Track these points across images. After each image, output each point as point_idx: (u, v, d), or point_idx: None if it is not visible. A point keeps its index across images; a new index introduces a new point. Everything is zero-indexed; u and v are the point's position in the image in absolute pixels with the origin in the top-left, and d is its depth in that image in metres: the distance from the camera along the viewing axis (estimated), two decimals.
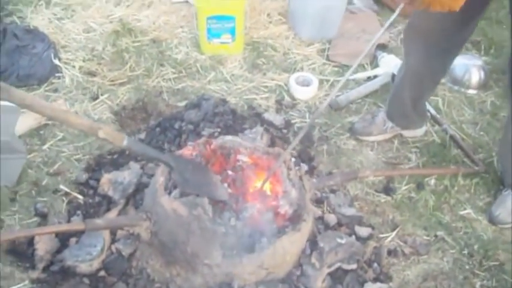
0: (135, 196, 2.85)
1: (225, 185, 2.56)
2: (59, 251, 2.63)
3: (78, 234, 2.65)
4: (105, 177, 2.88)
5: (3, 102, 2.91)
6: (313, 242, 2.58)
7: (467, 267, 2.80)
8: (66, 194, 2.92)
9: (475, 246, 2.89)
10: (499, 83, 3.94)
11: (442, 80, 3.53)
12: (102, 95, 3.55)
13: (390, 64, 3.82)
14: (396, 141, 3.42)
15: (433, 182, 3.17)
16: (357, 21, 4.35)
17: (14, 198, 2.87)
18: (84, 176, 3.00)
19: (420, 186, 3.14)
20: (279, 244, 2.37)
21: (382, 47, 4.12)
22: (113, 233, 2.66)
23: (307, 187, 2.63)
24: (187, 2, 4.42)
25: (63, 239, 2.66)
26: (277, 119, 3.39)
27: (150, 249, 2.53)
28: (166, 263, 2.47)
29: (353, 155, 3.30)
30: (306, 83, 3.70)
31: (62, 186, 2.95)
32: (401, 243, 2.85)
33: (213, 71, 3.84)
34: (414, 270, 2.75)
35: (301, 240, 2.50)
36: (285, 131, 3.32)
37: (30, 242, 2.63)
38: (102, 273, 2.56)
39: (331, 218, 2.81)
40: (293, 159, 2.84)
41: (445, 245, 2.89)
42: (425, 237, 2.91)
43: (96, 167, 3.07)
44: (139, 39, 4.02)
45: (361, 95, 3.69)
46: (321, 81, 3.79)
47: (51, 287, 2.49)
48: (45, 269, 2.57)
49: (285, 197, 2.55)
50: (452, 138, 3.43)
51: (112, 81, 3.65)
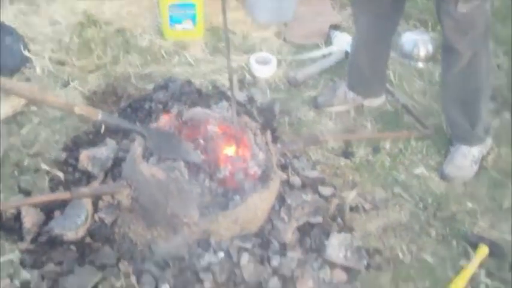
0: (113, 170, 3.04)
1: (198, 151, 2.76)
2: (44, 223, 2.79)
3: (62, 207, 2.83)
4: (84, 154, 3.07)
5: None
6: (281, 200, 2.82)
7: (422, 219, 3.06)
8: (48, 172, 3.08)
9: (429, 200, 3.16)
10: None
11: (393, 54, 3.78)
12: (72, 81, 3.72)
13: (343, 42, 4.09)
14: (353, 112, 3.67)
15: (388, 145, 3.43)
16: (311, 5, 4.59)
17: None
18: (63, 155, 3.18)
19: (376, 150, 3.40)
20: (250, 201, 2.59)
21: (335, 27, 4.38)
22: (94, 203, 2.83)
23: (273, 151, 2.86)
24: None
25: (48, 212, 2.83)
26: (241, 96, 3.62)
27: (131, 216, 2.72)
28: (148, 226, 2.67)
29: (313, 125, 3.56)
30: (265, 62, 3.94)
31: (43, 166, 3.11)
32: (362, 200, 3.10)
33: (177, 56, 4.05)
34: (375, 223, 3.00)
35: (270, 197, 2.72)
36: (248, 106, 3.55)
37: (17, 216, 2.81)
38: (88, 240, 2.75)
39: (296, 181, 3.03)
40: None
41: (402, 200, 3.15)
42: (383, 194, 3.17)
43: (73, 147, 3.25)
44: (104, 30, 4.19)
45: (317, 71, 3.95)
46: (279, 61, 4.03)
47: (41, 256, 2.67)
48: (33, 240, 2.74)
49: (253, 159, 2.76)
50: (404, 106, 3.69)
51: (81, 69, 3.82)
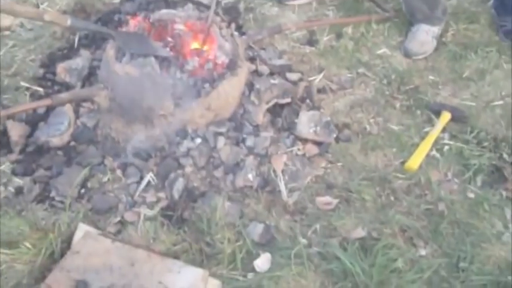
0: (90, 78, 3.19)
1: (166, 47, 2.89)
2: (30, 135, 2.96)
3: (45, 118, 2.98)
4: (61, 66, 3.20)
5: None
6: (250, 85, 2.98)
7: (387, 93, 3.24)
8: (27, 88, 3.22)
9: (393, 76, 3.33)
10: None
11: None
12: (42, 4, 3.81)
13: None
14: (315, 3, 3.81)
15: (350, 30, 3.59)
16: None
17: None
18: (40, 72, 3.31)
19: (339, 36, 3.55)
20: (221, 88, 2.76)
21: None
22: (75, 111, 2.98)
23: (239, 41, 3.00)
24: None
25: (33, 124, 2.99)
26: None
27: (110, 116, 2.87)
28: (127, 122, 2.83)
29: (277, 19, 3.69)
30: None
31: (22, 83, 3.25)
32: (328, 82, 3.27)
33: None
34: (342, 102, 3.19)
35: (240, 83, 2.88)
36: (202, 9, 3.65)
37: (3, 132, 2.96)
38: (73, 144, 2.91)
39: (264, 69, 3.17)
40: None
41: (366, 79, 3.33)
42: (348, 75, 3.34)
43: (49, 63, 3.37)
44: None
45: None
46: None
47: (30, 164, 2.85)
48: (22, 151, 2.91)
49: (220, 49, 2.90)
50: None
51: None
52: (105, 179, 2.75)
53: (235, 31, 3.09)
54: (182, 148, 2.74)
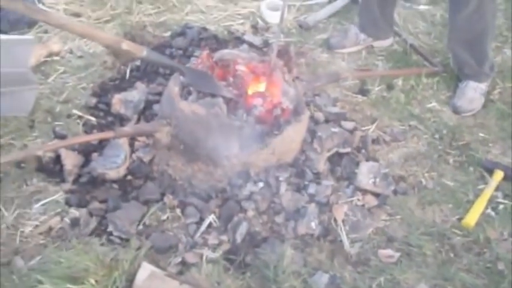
0: (145, 112, 3.17)
1: (230, 88, 2.89)
2: (83, 165, 2.93)
3: (99, 149, 2.96)
4: (116, 98, 3.18)
5: (20, 36, 3.17)
6: (311, 132, 2.99)
7: (440, 148, 3.27)
8: (80, 117, 3.20)
9: (444, 131, 3.37)
10: None
11: None
12: None
13: None
14: (364, 52, 3.85)
15: (400, 82, 3.63)
16: None
17: (32, 125, 3.13)
18: (93, 101, 3.28)
19: (390, 87, 3.59)
20: (285, 133, 2.75)
21: None
22: (130, 144, 2.96)
23: (300, 87, 3.00)
24: None
25: (86, 154, 2.96)
26: (256, 40, 3.77)
27: (169, 153, 2.84)
28: (188, 161, 2.80)
29: (328, 66, 3.73)
30: (275, 8, 4.06)
31: (74, 111, 3.22)
32: (382, 133, 3.29)
33: (189, 4, 4.14)
34: (396, 154, 3.21)
35: (303, 129, 2.88)
36: (264, 50, 3.68)
37: (56, 160, 2.92)
38: (129, 177, 2.88)
39: (320, 116, 3.20)
40: None
41: (419, 132, 3.36)
42: (401, 127, 3.36)
43: (101, 92, 3.36)
44: None
45: (326, 15, 4.12)
46: (288, 6, 4.16)
47: (84, 195, 2.82)
48: (75, 181, 2.87)
49: (284, 95, 2.90)
50: (412, 46, 3.88)
51: (97, 19, 3.91)
52: (164, 217, 2.72)
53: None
54: (245, 191, 2.73)
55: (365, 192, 2.92)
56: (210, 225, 2.70)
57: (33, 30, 3.77)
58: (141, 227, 2.69)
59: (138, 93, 3.19)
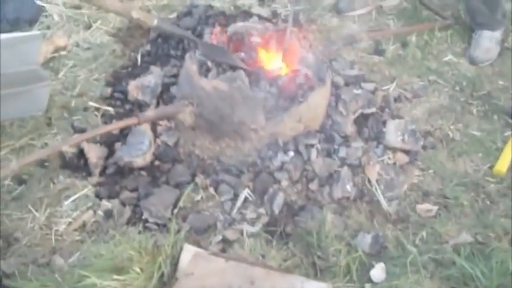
0: (163, 96, 3.12)
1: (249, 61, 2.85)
2: (108, 156, 2.88)
3: (122, 138, 2.92)
4: (132, 84, 3.13)
5: (25, 33, 3.12)
6: (335, 96, 2.95)
7: (462, 100, 3.27)
8: (97, 109, 3.15)
9: (464, 83, 3.36)
10: None
11: None
12: (94, 22, 3.74)
13: None
14: (374, 13, 3.82)
15: (414, 39, 3.60)
16: None
17: (49, 122, 3.08)
18: (108, 90, 3.24)
19: (405, 44, 3.57)
20: (311, 99, 2.72)
21: None
22: (153, 130, 2.92)
23: (317, 53, 2.96)
24: None
25: (109, 145, 2.92)
26: (264, 12, 3.72)
27: (194, 133, 2.81)
28: (215, 138, 2.77)
29: (339, 30, 3.69)
30: None
31: (90, 103, 3.17)
32: (402, 91, 3.27)
33: None
34: (419, 109, 3.20)
35: (327, 94, 2.85)
36: (274, 21, 3.63)
37: (79, 155, 2.89)
38: (157, 163, 2.84)
39: (339, 80, 3.14)
40: None
41: (439, 86, 3.35)
42: (420, 83, 3.35)
43: (115, 81, 3.31)
44: None
45: None
46: None
47: (113, 186, 2.78)
48: (101, 173, 2.83)
49: (304, 62, 2.86)
50: (421, 2, 3.86)
51: (99, 9, 3.83)
52: (198, 198, 2.69)
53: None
54: (276, 162, 2.70)
55: (395, 150, 2.91)
56: (245, 200, 2.67)
57: (35, 27, 3.71)
58: (176, 210, 2.65)
59: (153, 78, 3.14)
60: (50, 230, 2.61)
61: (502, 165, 2.87)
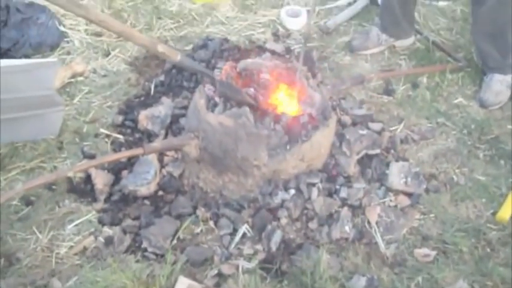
0: (172, 127, 3.17)
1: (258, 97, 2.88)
2: (114, 183, 2.95)
3: (129, 166, 2.98)
4: (143, 114, 3.19)
5: (43, 59, 3.21)
6: (339, 136, 2.98)
7: (469, 143, 3.25)
8: (107, 136, 3.22)
9: (472, 126, 3.34)
10: None
11: None
12: (113, 50, 3.83)
13: None
14: (387, 53, 3.85)
15: (425, 80, 3.62)
16: None
17: (60, 146, 3.16)
18: (120, 118, 3.30)
19: (415, 85, 3.58)
20: (314, 139, 2.73)
21: None
22: (159, 160, 2.97)
23: (325, 92, 2.99)
24: None
25: (116, 172, 2.98)
26: (278, 47, 3.77)
27: (198, 166, 2.84)
28: (218, 173, 2.80)
29: (351, 68, 3.73)
30: (295, 15, 4.08)
31: (102, 130, 3.24)
32: (410, 132, 3.27)
33: (208, 17, 4.17)
34: (426, 152, 3.19)
35: (331, 134, 2.88)
36: (287, 57, 3.68)
37: (86, 180, 2.95)
38: (160, 193, 2.89)
39: (347, 119, 3.18)
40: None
41: (447, 128, 3.34)
42: (428, 125, 3.35)
43: (128, 110, 3.37)
44: None
45: (346, 18, 4.12)
46: (308, 12, 4.16)
47: (117, 213, 2.82)
48: (106, 200, 2.89)
49: (310, 101, 2.89)
50: (434, 43, 3.87)
51: (118, 37, 3.92)
52: (198, 230, 2.72)
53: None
54: (277, 199, 2.72)
55: (397, 192, 2.91)
56: (244, 235, 2.69)
57: (55, 53, 3.81)
58: (175, 241, 2.68)
59: (164, 108, 3.20)
60: (51, 253, 2.66)
61: (506, 212, 2.85)
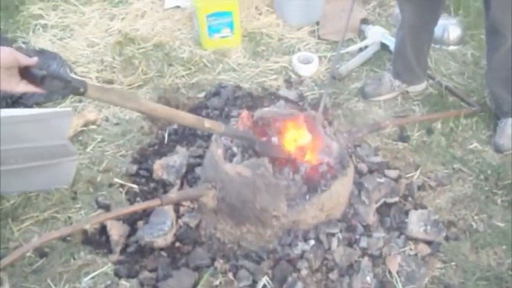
0: (187, 176, 3.15)
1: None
2: (130, 234, 2.91)
3: (144, 217, 2.94)
4: (158, 164, 3.17)
5: (58, 109, 3.20)
6: (358, 184, 2.95)
7: (486, 189, 3.22)
8: (122, 186, 3.19)
9: (488, 172, 3.32)
10: (474, 37, 4.43)
11: None
12: None
13: (377, 34, 4.28)
14: (400, 98, 3.85)
15: (439, 126, 3.60)
16: (335, 3, 4.74)
17: (74, 197, 3.13)
18: (134, 168, 3.28)
19: (430, 131, 3.57)
20: (333, 188, 2.71)
21: (365, 21, 4.55)
22: (175, 210, 2.94)
23: (342, 140, 2.98)
24: (178, 6, 4.75)
25: (132, 223, 2.95)
26: (291, 94, 3.77)
27: (215, 216, 2.82)
28: (236, 223, 2.77)
29: (365, 115, 3.72)
30: (307, 61, 4.10)
31: (116, 180, 3.22)
32: (426, 179, 3.25)
33: (220, 64, 4.18)
34: (443, 198, 3.16)
35: (349, 183, 2.85)
36: (300, 104, 3.68)
37: (101, 231, 2.92)
38: (177, 244, 2.85)
39: (363, 167, 3.17)
40: None
41: (463, 174, 3.31)
42: (445, 171, 3.32)
43: (142, 159, 3.36)
44: (142, 46, 4.32)
45: (358, 64, 4.14)
46: (319, 58, 4.18)
47: (133, 265, 2.78)
48: (122, 251, 2.85)
49: (328, 149, 2.88)
50: (447, 88, 3.88)
51: (130, 85, 3.94)
52: (217, 282, 2.68)
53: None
54: (296, 250, 2.69)
55: (417, 241, 2.88)
56: (264, 287, 2.64)
57: (67, 100, 3.81)
58: None
59: (179, 158, 3.18)
60: None
61: None
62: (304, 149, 2.86)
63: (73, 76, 3.91)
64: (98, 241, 2.90)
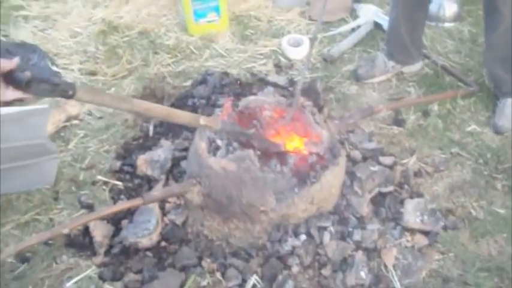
0: (173, 171, 3.02)
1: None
2: (114, 234, 2.78)
3: (129, 216, 2.81)
4: (141, 159, 3.04)
5: (34, 106, 3.06)
6: (350, 174, 2.82)
7: (485, 173, 3.08)
8: (105, 183, 3.07)
9: (488, 155, 3.18)
10: (472, 13, 4.27)
11: None
12: (108, 89, 3.70)
13: (369, 13, 4.11)
14: (394, 80, 3.70)
15: (436, 107, 3.46)
16: None
17: (56, 197, 3.00)
18: (117, 164, 3.15)
19: (426, 114, 3.43)
20: (324, 179, 2.58)
21: (357, 0, 4.38)
22: (161, 207, 2.81)
23: (333, 128, 2.84)
24: None
25: (116, 223, 2.82)
26: (281, 80, 3.62)
27: (202, 213, 2.69)
28: (224, 220, 2.64)
29: (358, 98, 3.58)
30: (297, 44, 3.95)
31: (99, 177, 3.09)
32: (423, 165, 3.11)
33: (207, 49, 4.03)
34: (441, 185, 3.02)
35: (341, 173, 2.71)
36: (291, 89, 3.54)
37: (85, 232, 2.79)
38: (163, 243, 2.73)
39: (356, 154, 3.04)
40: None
41: (461, 158, 3.18)
42: (442, 156, 3.19)
43: (126, 154, 3.23)
44: (127, 34, 4.18)
45: (351, 45, 3.98)
46: (310, 40, 4.02)
47: (118, 267, 2.66)
48: (107, 252, 2.72)
49: (317, 138, 2.74)
50: (443, 67, 3.73)
51: (114, 76, 3.81)
52: (204, 283, 2.57)
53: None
54: (287, 246, 2.56)
55: (413, 231, 2.75)
56: (253, 286, 2.53)
57: None
58: None
59: (163, 152, 3.05)
60: None
61: None
62: (293, 139, 2.72)
63: (62, 78, 3.75)
64: (81, 243, 2.78)
